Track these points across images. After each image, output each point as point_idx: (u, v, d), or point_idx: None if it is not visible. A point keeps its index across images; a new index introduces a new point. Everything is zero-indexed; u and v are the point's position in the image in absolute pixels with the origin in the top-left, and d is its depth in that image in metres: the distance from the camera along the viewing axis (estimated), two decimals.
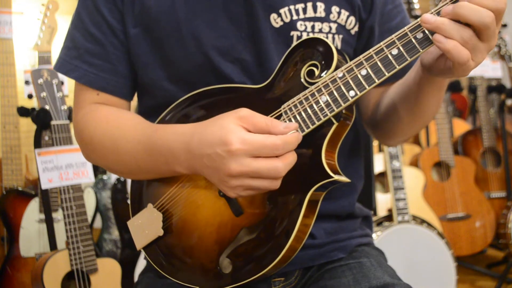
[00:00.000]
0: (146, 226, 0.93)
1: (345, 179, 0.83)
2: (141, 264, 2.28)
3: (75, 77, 0.99)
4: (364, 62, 0.79)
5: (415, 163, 2.90)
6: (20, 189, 2.36)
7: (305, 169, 0.82)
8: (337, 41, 0.97)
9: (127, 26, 0.96)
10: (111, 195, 2.52)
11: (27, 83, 2.64)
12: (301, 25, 0.94)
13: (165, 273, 0.91)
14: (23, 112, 2.31)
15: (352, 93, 0.80)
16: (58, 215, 2.27)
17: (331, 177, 0.80)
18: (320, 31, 0.95)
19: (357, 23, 0.98)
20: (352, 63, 0.80)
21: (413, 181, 2.72)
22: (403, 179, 2.35)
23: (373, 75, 0.79)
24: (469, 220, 2.82)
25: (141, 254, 2.26)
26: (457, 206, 2.82)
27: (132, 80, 1.01)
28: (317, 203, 0.85)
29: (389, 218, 2.34)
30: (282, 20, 0.93)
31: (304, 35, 0.94)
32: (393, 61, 0.78)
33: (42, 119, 1.91)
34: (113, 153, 0.94)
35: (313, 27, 0.94)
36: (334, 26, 0.96)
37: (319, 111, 0.81)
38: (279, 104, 0.84)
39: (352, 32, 0.98)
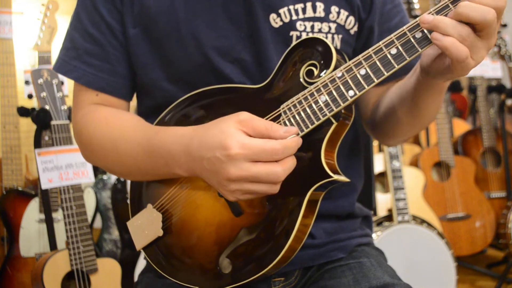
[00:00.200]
0: (145, 226, 0.93)
1: (344, 178, 0.83)
2: (141, 264, 2.28)
3: (74, 78, 0.99)
4: (363, 61, 0.79)
5: (415, 163, 2.90)
6: (20, 189, 2.37)
7: (304, 169, 0.82)
8: (336, 41, 0.97)
9: (126, 26, 0.96)
10: (111, 195, 2.52)
11: (27, 83, 2.64)
12: (300, 25, 0.94)
13: (164, 273, 0.92)
14: (23, 112, 2.31)
15: (351, 92, 0.80)
16: (58, 215, 2.27)
17: (331, 177, 0.80)
18: (319, 31, 0.95)
19: (357, 23, 0.98)
20: (351, 63, 0.80)
21: (413, 181, 2.72)
22: (403, 179, 2.35)
23: (372, 75, 0.79)
24: (469, 220, 2.82)
25: (141, 254, 2.26)
26: (457, 206, 2.82)
27: (131, 80, 1.01)
28: (317, 203, 0.85)
29: (389, 218, 2.34)
30: (281, 20, 0.93)
31: (303, 35, 0.94)
32: (392, 61, 0.78)
33: (42, 119, 1.91)
34: (113, 154, 0.94)
35: (312, 27, 0.94)
36: (333, 26, 0.96)
37: (318, 111, 0.81)
38: (278, 104, 0.84)
39: (351, 32, 0.98)
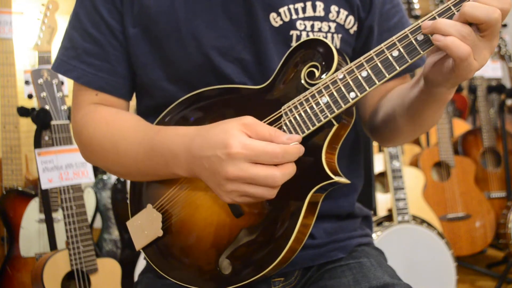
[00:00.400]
0: (145, 226, 0.93)
1: (345, 180, 0.83)
2: (141, 264, 2.28)
3: (73, 77, 0.98)
4: (364, 63, 0.79)
5: (415, 163, 2.90)
6: (20, 189, 2.37)
7: (305, 171, 0.82)
8: (336, 41, 0.97)
9: (126, 26, 0.95)
10: (111, 195, 2.52)
11: (27, 83, 2.64)
12: (300, 24, 0.94)
13: (164, 274, 0.91)
14: (23, 112, 2.31)
15: (352, 94, 0.79)
16: (58, 215, 2.27)
17: (331, 179, 0.80)
18: (319, 30, 0.95)
19: (356, 23, 0.99)
20: (352, 65, 0.80)
21: (413, 181, 2.72)
22: (403, 179, 2.35)
23: (373, 77, 0.78)
24: (469, 220, 2.82)
25: (141, 254, 2.26)
26: (457, 206, 2.82)
27: (131, 80, 1.01)
28: (317, 204, 0.85)
29: (389, 218, 2.34)
30: (281, 19, 0.93)
31: (303, 34, 0.94)
32: (394, 63, 0.78)
33: (42, 119, 1.91)
34: (113, 154, 0.94)
35: (312, 26, 0.94)
36: (333, 25, 0.96)
37: (319, 113, 0.81)
38: (280, 105, 0.84)
39: (351, 31, 0.98)
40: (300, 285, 1.00)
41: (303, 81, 0.84)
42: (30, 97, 2.64)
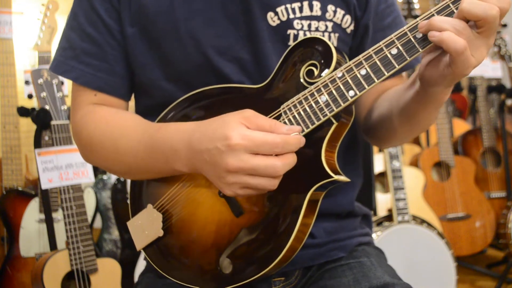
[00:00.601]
0: (146, 226, 0.93)
1: (345, 178, 0.83)
2: (141, 264, 2.28)
3: (72, 78, 0.98)
4: (363, 61, 0.79)
5: (415, 163, 2.90)
6: (20, 189, 2.37)
7: (305, 169, 0.82)
8: (333, 40, 0.97)
9: (124, 25, 0.95)
10: (111, 195, 2.52)
11: (27, 83, 2.64)
12: (297, 23, 0.94)
13: (165, 274, 0.91)
14: (23, 112, 2.31)
15: (351, 93, 0.79)
16: (58, 215, 2.27)
17: (331, 177, 0.80)
18: (316, 30, 0.95)
19: (353, 22, 0.99)
20: (351, 63, 0.80)
21: (413, 181, 2.72)
22: (403, 179, 2.35)
23: (372, 75, 0.79)
24: (469, 220, 2.82)
25: (141, 254, 2.26)
26: (457, 206, 2.82)
27: (129, 80, 1.01)
28: (317, 203, 0.85)
29: (389, 218, 2.34)
30: (279, 18, 0.94)
31: (300, 33, 0.94)
32: (393, 61, 0.78)
33: (42, 119, 1.91)
34: (113, 153, 0.94)
35: (309, 26, 0.95)
36: (330, 24, 0.96)
37: (318, 111, 0.81)
38: (279, 104, 0.84)
39: (347, 30, 0.99)
40: (300, 285, 1.00)
41: (302, 80, 0.84)
42: (30, 97, 2.64)
